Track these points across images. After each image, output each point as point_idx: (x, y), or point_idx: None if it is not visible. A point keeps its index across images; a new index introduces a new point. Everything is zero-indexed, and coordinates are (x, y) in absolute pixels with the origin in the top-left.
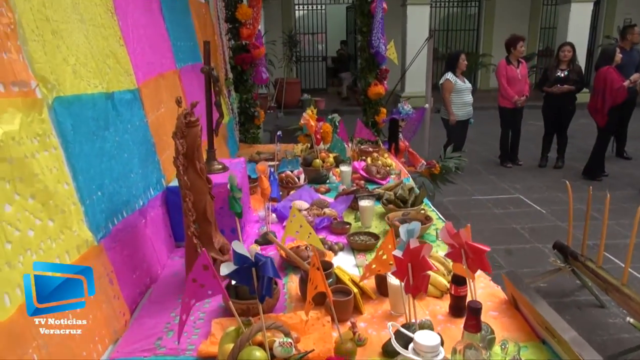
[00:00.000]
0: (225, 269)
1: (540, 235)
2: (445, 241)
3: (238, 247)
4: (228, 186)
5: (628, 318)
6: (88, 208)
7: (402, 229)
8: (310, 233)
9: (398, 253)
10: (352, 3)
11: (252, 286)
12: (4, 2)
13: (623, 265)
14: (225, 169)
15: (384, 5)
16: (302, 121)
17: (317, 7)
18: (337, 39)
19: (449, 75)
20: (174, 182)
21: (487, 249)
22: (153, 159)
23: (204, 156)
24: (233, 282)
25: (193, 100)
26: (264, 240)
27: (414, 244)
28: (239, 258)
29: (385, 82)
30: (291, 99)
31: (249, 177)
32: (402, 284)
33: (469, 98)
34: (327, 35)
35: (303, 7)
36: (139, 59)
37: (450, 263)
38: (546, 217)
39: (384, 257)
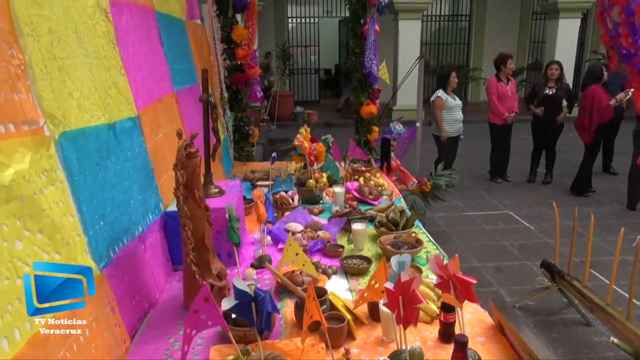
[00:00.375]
0: (226, 303)
1: (529, 252)
2: (435, 272)
3: (238, 283)
4: (227, 216)
5: (612, 338)
6: (91, 239)
7: (394, 261)
8: (305, 262)
9: (390, 285)
10: (344, 17)
11: (252, 319)
12: (15, 44)
13: (609, 283)
14: (221, 192)
15: (377, 27)
16: (296, 142)
17: (310, 20)
18: (330, 52)
19: (440, 93)
20: (172, 207)
21: (474, 281)
22: (151, 184)
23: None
24: None
25: (190, 122)
26: (260, 263)
27: (404, 277)
28: (239, 293)
29: (378, 101)
30: (284, 111)
31: (244, 197)
32: (394, 315)
33: (460, 115)
34: (320, 48)
35: (296, 19)
36: (139, 86)
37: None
38: (535, 233)
39: (376, 285)
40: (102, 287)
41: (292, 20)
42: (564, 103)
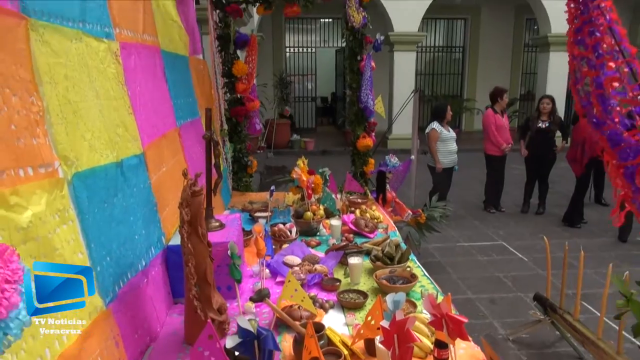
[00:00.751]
0: (230, 341)
1: (523, 283)
2: (428, 311)
3: (242, 322)
4: (229, 253)
5: None
6: (99, 275)
7: (389, 299)
8: (304, 297)
9: (385, 324)
10: (341, 47)
11: (254, 357)
12: (35, 92)
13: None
14: (222, 226)
15: (373, 63)
16: (294, 174)
17: (307, 49)
18: (327, 80)
19: (435, 125)
20: (173, 241)
21: (465, 320)
22: (155, 219)
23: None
24: None
25: (192, 155)
26: (259, 297)
27: (399, 315)
28: (243, 332)
29: (373, 134)
30: (281, 139)
31: (243, 229)
32: (389, 352)
33: (454, 147)
34: (317, 76)
35: (294, 49)
36: (145, 123)
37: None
38: (528, 265)
39: (372, 322)
40: (107, 322)
41: (289, 49)
42: (558, 134)
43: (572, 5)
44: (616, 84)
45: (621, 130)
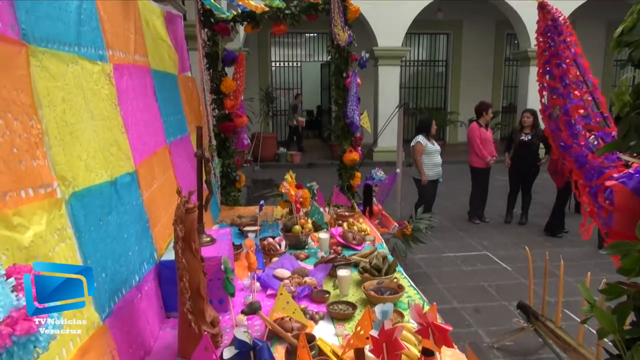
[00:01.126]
0: (227, 352)
1: (507, 292)
2: (415, 320)
3: (239, 334)
4: (222, 268)
5: None
6: (95, 291)
7: (378, 310)
8: (295, 309)
9: (374, 333)
10: (326, 61)
11: None
12: (35, 115)
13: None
14: (213, 241)
15: (358, 80)
16: (282, 189)
17: (293, 63)
18: (312, 94)
19: (420, 138)
20: (165, 256)
21: (450, 328)
22: (147, 235)
23: None
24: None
25: (181, 172)
26: (250, 310)
27: (388, 325)
28: (239, 343)
29: (359, 148)
30: (267, 152)
31: (232, 243)
32: None
33: (438, 159)
34: (303, 90)
35: (279, 63)
36: (137, 141)
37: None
38: (512, 274)
39: (362, 332)
40: (104, 337)
41: (275, 63)
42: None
43: (541, 40)
44: (581, 111)
45: (586, 153)
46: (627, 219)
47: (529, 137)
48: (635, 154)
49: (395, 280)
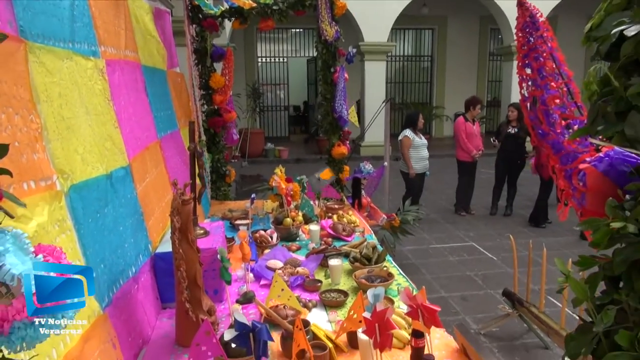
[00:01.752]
0: (228, 334)
1: (492, 281)
2: (405, 302)
3: (239, 316)
4: (219, 257)
5: (566, 358)
6: (95, 281)
7: (370, 293)
8: (290, 296)
9: (367, 315)
10: (312, 56)
11: (250, 348)
12: (34, 110)
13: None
14: (206, 233)
15: (346, 75)
16: (272, 183)
17: (279, 59)
18: (299, 89)
19: (408, 132)
20: (160, 248)
21: (438, 309)
22: (142, 227)
23: None
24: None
25: (172, 166)
26: (245, 299)
27: (380, 307)
28: (240, 325)
29: (348, 142)
30: (255, 148)
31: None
32: (371, 340)
33: (425, 153)
34: (289, 86)
35: (266, 58)
36: (129, 136)
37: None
38: (497, 263)
39: (354, 316)
40: (105, 325)
41: (261, 59)
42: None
43: (520, 35)
44: (557, 101)
45: (562, 140)
46: (598, 199)
47: (515, 130)
48: (604, 138)
49: (385, 268)
